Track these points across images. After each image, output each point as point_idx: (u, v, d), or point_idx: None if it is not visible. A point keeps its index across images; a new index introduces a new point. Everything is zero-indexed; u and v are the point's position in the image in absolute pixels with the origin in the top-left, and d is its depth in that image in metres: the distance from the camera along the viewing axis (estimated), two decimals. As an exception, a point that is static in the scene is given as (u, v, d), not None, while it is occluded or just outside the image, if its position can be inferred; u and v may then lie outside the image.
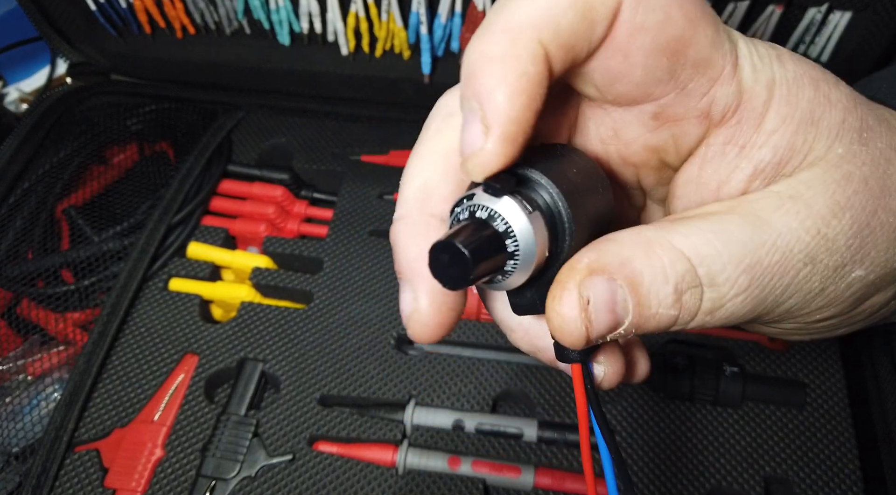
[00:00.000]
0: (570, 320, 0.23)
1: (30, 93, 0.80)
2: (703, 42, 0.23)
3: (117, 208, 0.63)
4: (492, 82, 0.22)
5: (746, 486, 0.49)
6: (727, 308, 0.24)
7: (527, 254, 0.22)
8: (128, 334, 0.56)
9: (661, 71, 0.23)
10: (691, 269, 0.23)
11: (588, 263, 0.23)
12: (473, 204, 0.22)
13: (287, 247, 0.61)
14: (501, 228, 0.22)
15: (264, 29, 0.68)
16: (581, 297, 0.22)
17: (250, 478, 0.50)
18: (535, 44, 0.22)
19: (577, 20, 0.22)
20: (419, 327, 0.25)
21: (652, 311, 0.23)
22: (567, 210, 0.23)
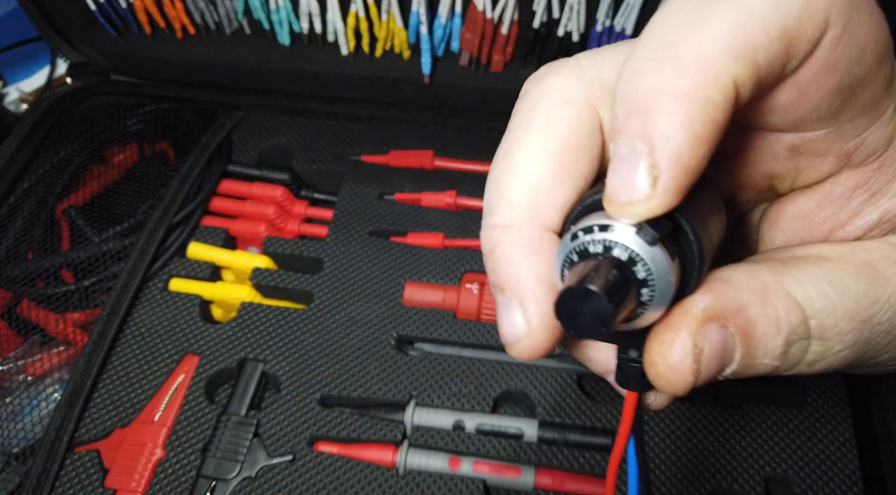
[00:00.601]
0: (679, 371, 0.21)
1: (30, 93, 0.80)
2: (880, 83, 0.21)
3: (117, 208, 0.63)
4: (673, 126, 0.18)
5: (746, 486, 0.49)
6: (828, 361, 0.23)
7: (659, 304, 0.21)
8: (128, 334, 0.56)
9: (830, 110, 0.21)
10: (804, 321, 0.22)
11: (704, 308, 0.21)
12: (610, 240, 0.20)
13: (287, 248, 0.61)
14: (642, 275, 0.20)
15: (264, 29, 0.68)
16: (695, 347, 0.21)
17: (251, 479, 0.50)
18: (730, 85, 0.18)
19: (778, 55, 0.19)
20: (529, 349, 0.23)
21: (757, 361, 0.22)
22: (701, 257, 0.21)
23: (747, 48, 0.18)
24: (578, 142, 0.23)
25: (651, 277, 0.20)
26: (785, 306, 0.22)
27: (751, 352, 0.22)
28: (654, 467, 0.49)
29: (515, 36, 0.63)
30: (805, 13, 0.19)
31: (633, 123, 0.19)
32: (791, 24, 0.18)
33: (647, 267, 0.20)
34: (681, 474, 0.49)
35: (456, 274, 0.59)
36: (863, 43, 0.20)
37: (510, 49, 0.64)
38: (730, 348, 0.21)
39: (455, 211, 0.63)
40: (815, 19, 0.19)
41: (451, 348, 0.56)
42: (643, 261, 0.20)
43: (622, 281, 0.19)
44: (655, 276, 0.20)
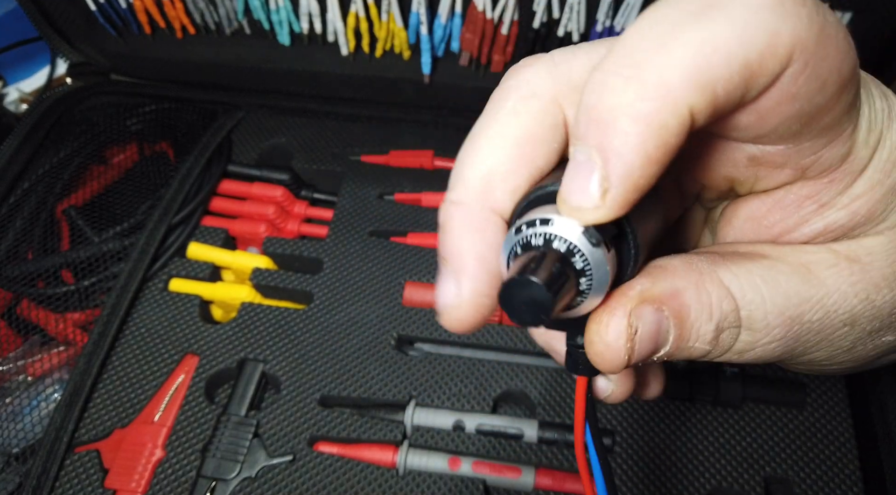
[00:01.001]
0: (615, 349, 0.22)
1: (30, 93, 0.80)
2: (841, 109, 0.21)
3: (117, 208, 0.63)
4: (628, 145, 0.19)
5: (747, 487, 0.49)
6: (756, 351, 0.24)
7: (597, 292, 0.22)
8: (128, 335, 0.56)
9: (788, 131, 0.22)
10: (735, 310, 0.23)
11: (640, 291, 0.22)
12: (551, 233, 0.21)
13: (287, 248, 0.61)
14: (580, 266, 0.21)
15: (264, 29, 0.68)
16: (630, 326, 0.22)
17: (251, 479, 0.50)
18: (686, 113, 0.19)
19: (737, 88, 0.19)
20: (457, 319, 0.24)
21: (689, 344, 0.23)
22: (636, 248, 0.22)
23: (707, 79, 0.19)
24: (539, 135, 0.24)
25: (588, 267, 0.21)
26: (717, 294, 0.23)
27: (683, 335, 0.23)
28: (655, 467, 0.49)
29: (515, 36, 0.63)
30: (769, 49, 0.19)
31: (592, 135, 0.20)
32: (753, 59, 0.19)
33: (584, 258, 0.21)
34: (681, 474, 0.49)
35: (456, 274, 0.59)
36: (825, 75, 0.20)
37: (510, 49, 0.64)
38: (664, 330, 0.23)
39: (455, 211, 0.63)
40: (777, 55, 0.19)
41: (451, 348, 0.56)
42: (581, 253, 0.21)
43: (560, 272, 0.20)
44: (593, 267, 0.21)
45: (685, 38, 0.19)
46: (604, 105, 0.19)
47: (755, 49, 0.19)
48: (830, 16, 0.20)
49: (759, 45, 0.19)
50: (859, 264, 0.24)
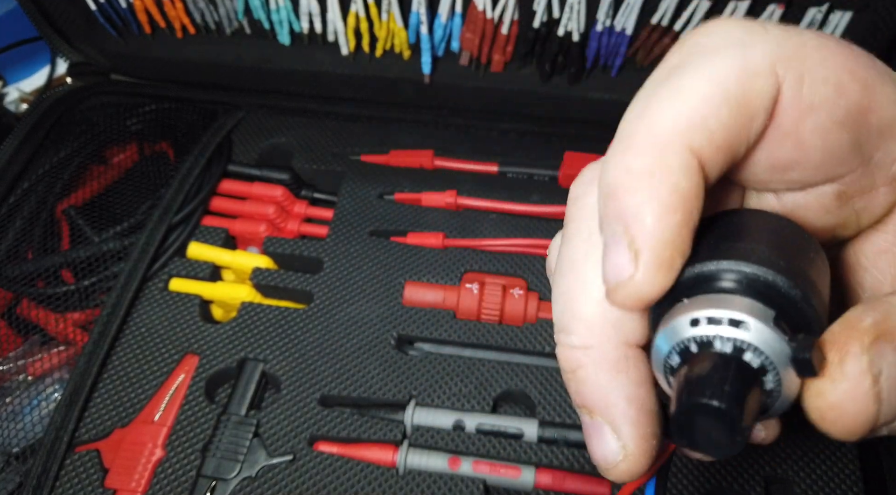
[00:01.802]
0: (858, 397, 0.17)
1: (30, 93, 0.80)
2: (885, 104, 0.20)
3: (117, 208, 0.63)
4: (639, 200, 0.18)
5: (746, 486, 0.49)
6: None
7: (788, 386, 0.18)
8: (128, 334, 0.56)
9: (844, 147, 0.20)
10: None
11: (873, 323, 0.18)
12: (706, 336, 0.18)
13: (287, 248, 0.61)
14: (757, 364, 0.17)
15: (264, 29, 0.68)
16: (872, 364, 0.17)
17: (251, 479, 0.50)
18: (686, 153, 0.19)
19: (731, 117, 0.19)
20: (628, 474, 0.21)
21: None
22: (812, 309, 0.18)
23: (693, 118, 0.19)
24: None
25: (770, 363, 0.17)
26: None
27: None
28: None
29: (515, 36, 0.63)
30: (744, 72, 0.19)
31: (609, 207, 0.19)
32: (732, 89, 0.19)
33: (760, 352, 0.17)
34: (680, 474, 0.49)
35: (456, 274, 0.59)
36: (835, 77, 0.19)
37: (510, 49, 0.64)
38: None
39: (455, 211, 0.63)
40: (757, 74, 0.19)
41: (451, 348, 0.56)
42: (753, 347, 0.17)
43: (741, 380, 0.17)
44: (774, 361, 0.17)
45: (659, 96, 0.19)
46: (609, 178, 0.19)
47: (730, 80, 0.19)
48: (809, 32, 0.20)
49: (732, 78, 0.19)
50: None
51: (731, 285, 0.19)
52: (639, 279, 0.19)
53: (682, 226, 0.19)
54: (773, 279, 0.18)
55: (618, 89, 0.65)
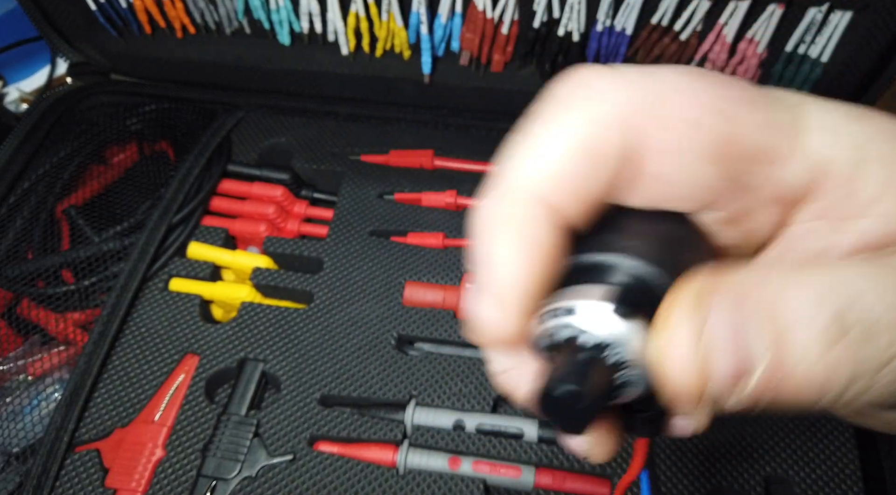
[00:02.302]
0: (678, 358, 0.17)
1: (30, 92, 0.80)
2: (752, 130, 0.20)
3: (117, 208, 0.63)
4: (495, 249, 0.20)
5: (746, 486, 0.49)
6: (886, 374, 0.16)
7: (634, 355, 0.19)
8: (128, 334, 0.56)
9: (714, 179, 0.20)
10: (852, 305, 0.16)
11: (703, 283, 0.17)
12: (548, 328, 0.19)
13: (287, 248, 0.61)
14: (591, 343, 0.19)
15: (264, 29, 0.68)
16: (695, 316, 0.17)
17: (251, 478, 0.50)
18: (539, 205, 0.20)
19: (583, 169, 0.20)
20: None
21: (801, 359, 0.16)
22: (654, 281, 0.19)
23: (547, 173, 0.20)
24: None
25: (601, 338, 0.18)
26: (829, 281, 0.16)
27: (786, 343, 0.16)
28: (654, 467, 0.49)
29: (515, 36, 0.63)
30: (596, 130, 0.20)
31: (474, 248, 0.21)
32: (583, 143, 0.20)
33: (616, 351, 0.18)
34: (680, 473, 0.49)
35: (456, 274, 0.59)
36: (695, 116, 0.19)
37: (510, 49, 0.64)
38: (753, 333, 0.16)
39: (455, 211, 0.63)
40: (609, 127, 0.20)
41: (452, 348, 0.56)
42: (612, 346, 0.18)
43: (577, 363, 0.18)
44: (631, 361, 0.18)
45: (520, 148, 0.20)
46: (475, 222, 0.21)
47: (582, 132, 0.20)
48: (669, 73, 0.20)
49: (585, 128, 0.20)
50: None
51: (581, 276, 0.20)
52: (494, 325, 0.20)
53: (535, 273, 0.20)
54: (613, 261, 0.19)
55: (618, 89, 0.65)
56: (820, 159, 0.20)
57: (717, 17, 0.59)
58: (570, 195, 0.20)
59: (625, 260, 0.19)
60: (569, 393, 0.18)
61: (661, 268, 0.19)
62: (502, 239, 0.20)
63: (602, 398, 0.18)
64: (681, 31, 0.60)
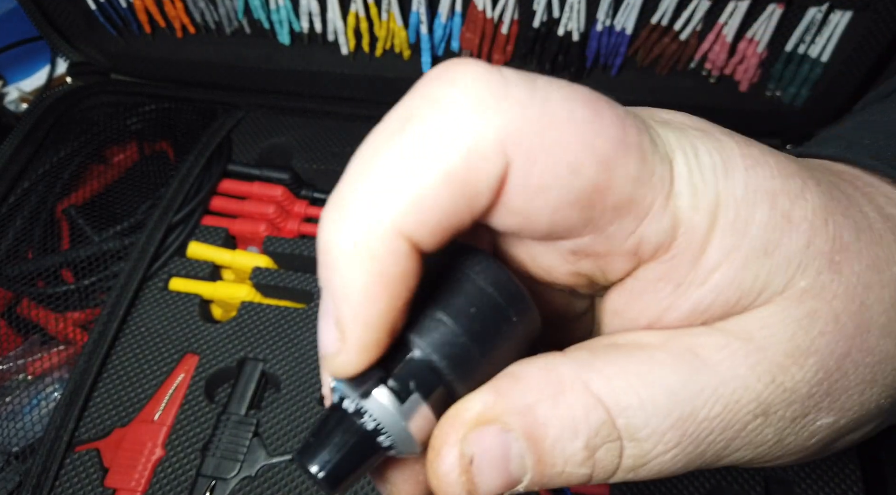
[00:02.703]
0: (448, 484, 0.19)
1: (30, 92, 0.80)
2: (624, 183, 0.19)
3: (117, 208, 0.63)
4: (347, 281, 0.18)
5: (746, 486, 0.48)
6: (652, 466, 0.20)
7: (404, 446, 0.20)
8: (128, 334, 0.56)
9: (573, 221, 0.19)
10: (608, 421, 0.19)
11: (479, 411, 0.19)
12: (342, 390, 0.20)
13: (287, 247, 0.61)
14: (370, 426, 0.19)
15: (264, 28, 0.68)
16: (463, 456, 0.19)
17: (250, 478, 0.49)
18: (398, 239, 0.18)
19: (451, 200, 0.18)
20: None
21: (557, 470, 0.20)
22: (451, 375, 0.20)
23: (410, 204, 0.18)
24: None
25: (381, 427, 0.19)
26: (583, 404, 0.19)
27: (544, 458, 0.19)
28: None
29: (515, 35, 0.63)
30: (471, 160, 0.18)
31: (323, 279, 0.19)
32: (454, 173, 0.18)
33: (373, 417, 0.19)
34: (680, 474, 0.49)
35: (456, 273, 0.59)
36: (572, 158, 0.18)
37: (510, 48, 0.64)
38: (515, 456, 0.19)
39: (455, 210, 0.63)
40: (485, 158, 0.18)
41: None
42: (367, 412, 0.19)
43: (342, 435, 0.19)
44: (385, 425, 0.19)
45: (381, 164, 0.19)
46: (321, 241, 0.19)
47: (455, 161, 0.18)
48: (556, 95, 0.18)
49: (459, 156, 0.18)
50: (754, 343, 0.20)
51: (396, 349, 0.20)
52: (342, 359, 0.19)
53: (387, 310, 0.18)
54: (418, 349, 0.20)
55: (618, 89, 0.65)
56: (679, 220, 0.20)
57: (717, 16, 0.59)
58: (435, 229, 0.18)
59: (428, 350, 0.20)
60: (315, 452, 0.19)
61: (457, 368, 0.20)
62: (361, 274, 0.18)
63: (352, 457, 0.19)
64: (681, 31, 0.60)
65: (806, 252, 0.20)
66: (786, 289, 0.20)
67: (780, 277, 0.20)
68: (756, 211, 0.20)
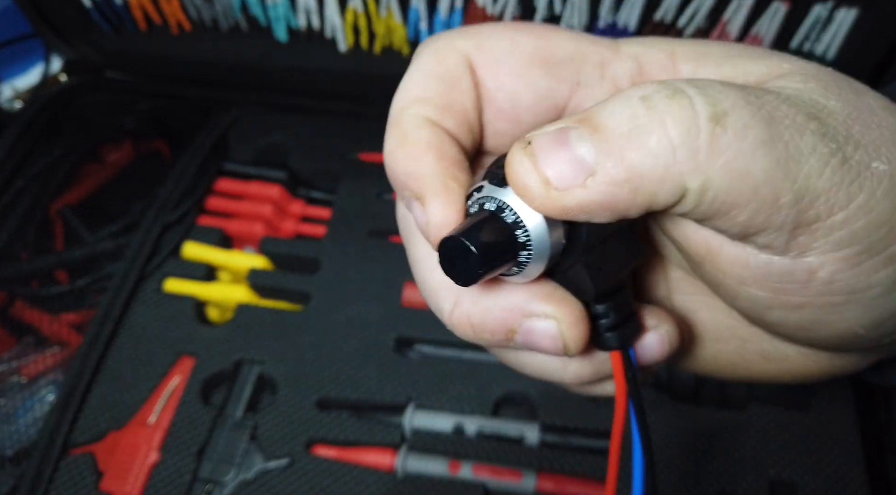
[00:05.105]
0: (522, 173, 0.20)
1: (25, 90, 0.79)
2: (564, 42, 0.25)
3: (112, 207, 0.62)
4: (402, 161, 0.23)
5: (751, 490, 0.48)
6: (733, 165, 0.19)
7: (540, 245, 0.21)
8: (123, 335, 0.55)
9: (542, 81, 0.25)
10: (670, 83, 0.20)
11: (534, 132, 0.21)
12: (482, 196, 0.22)
13: (284, 247, 0.60)
14: (510, 219, 0.21)
15: (261, 25, 0.67)
16: (524, 144, 0.21)
17: (247, 482, 0.49)
18: (417, 118, 0.24)
19: (440, 86, 0.24)
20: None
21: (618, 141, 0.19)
22: (587, 241, 0.22)
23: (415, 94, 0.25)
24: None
25: (520, 220, 0.21)
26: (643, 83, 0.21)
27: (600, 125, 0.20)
28: (660, 469, 0.49)
29: (516, 32, 0.62)
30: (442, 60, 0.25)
31: (392, 180, 0.25)
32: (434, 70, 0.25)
33: (513, 210, 0.21)
34: (685, 477, 0.48)
35: (456, 274, 0.58)
36: (508, 37, 0.25)
37: (511, 45, 0.63)
38: (574, 135, 0.20)
39: (455, 210, 0.62)
40: (448, 56, 0.25)
41: (452, 350, 0.55)
42: (508, 206, 0.21)
43: (484, 226, 0.21)
44: (524, 219, 0.21)
45: (397, 89, 0.25)
46: (384, 157, 0.25)
47: (432, 63, 0.25)
48: (492, 25, 0.25)
49: (434, 61, 0.25)
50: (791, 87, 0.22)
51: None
52: (434, 216, 0.22)
53: (439, 160, 0.23)
54: None
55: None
56: (639, 54, 0.25)
57: (721, 13, 0.58)
58: (442, 108, 0.24)
59: None
60: (460, 242, 0.20)
61: None
62: (406, 150, 0.24)
63: (492, 251, 0.21)
64: (684, 28, 0.59)
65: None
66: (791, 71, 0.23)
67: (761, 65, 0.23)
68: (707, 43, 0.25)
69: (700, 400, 0.51)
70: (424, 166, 0.23)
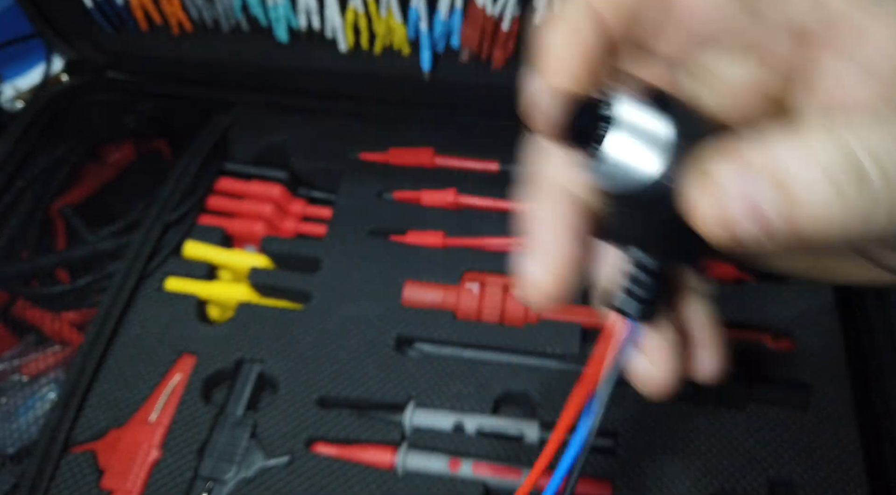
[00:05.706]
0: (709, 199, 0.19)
1: (26, 90, 0.80)
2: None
3: (113, 207, 0.62)
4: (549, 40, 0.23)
5: (749, 489, 0.48)
6: None
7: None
8: (124, 334, 0.55)
9: (727, 4, 0.23)
10: (852, 154, 0.18)
11: (716, 151, 0.20)
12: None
13: (285, 247, 0.61)
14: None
15: (262, 26, 0.67)
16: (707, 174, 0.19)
17: (248, 480, 0.49)
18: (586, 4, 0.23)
19: None
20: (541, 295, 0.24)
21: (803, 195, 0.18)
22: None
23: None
24: None
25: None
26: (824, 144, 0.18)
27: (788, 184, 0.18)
28: (657, 469, 0.49)
29: (517, 32, 0.63)
30: None
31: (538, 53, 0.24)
32: None
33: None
34: (683, 476, 0.48)
35: (456, 273, 0.58)
36: None
37: (511, 45, 0.64)
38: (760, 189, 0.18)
39: (455, 209, 0.62)
40: None
41: (451, 348, 0.55)
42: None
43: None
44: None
45: None
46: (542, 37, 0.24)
47: None
48: None
49: None
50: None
51: None
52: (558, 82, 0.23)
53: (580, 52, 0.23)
54: None
55: (619, 86, 0.65)
56: (822, 3, 0.22)
57: None
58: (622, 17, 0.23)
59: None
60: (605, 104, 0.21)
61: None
62: (554, 32, 0.23)
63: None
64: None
65: None
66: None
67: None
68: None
69: (699, 399, 0.51)
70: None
